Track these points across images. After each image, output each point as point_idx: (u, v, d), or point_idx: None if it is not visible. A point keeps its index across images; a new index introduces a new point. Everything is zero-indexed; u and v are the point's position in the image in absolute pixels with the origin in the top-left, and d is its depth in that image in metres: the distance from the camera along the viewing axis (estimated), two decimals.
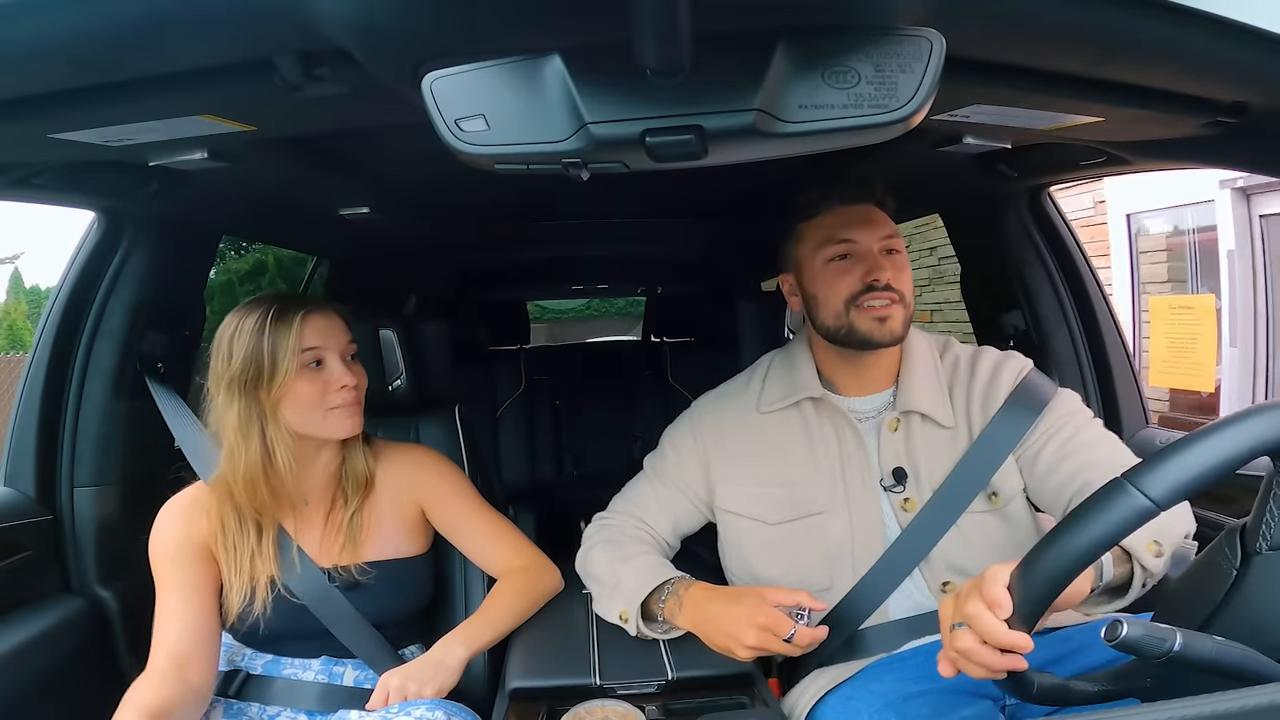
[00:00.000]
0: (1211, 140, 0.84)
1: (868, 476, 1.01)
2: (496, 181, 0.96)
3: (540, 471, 2.56)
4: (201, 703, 0.98)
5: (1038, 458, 0.98)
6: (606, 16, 0.48)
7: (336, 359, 1.02)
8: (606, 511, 1.16)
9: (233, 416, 0.99)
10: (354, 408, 1.03)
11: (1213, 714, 0.46)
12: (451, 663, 0.99)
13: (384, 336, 1.26)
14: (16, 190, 0.96)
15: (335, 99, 0.67)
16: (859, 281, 0.99)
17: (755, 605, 0.92)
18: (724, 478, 1.08)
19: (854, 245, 1.01)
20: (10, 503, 1.18)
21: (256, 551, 1.02)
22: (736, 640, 0.92)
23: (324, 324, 1.02)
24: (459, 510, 1.14)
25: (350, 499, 1.07)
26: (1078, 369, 1.45)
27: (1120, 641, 0.57)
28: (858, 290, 0.99)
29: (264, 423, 0.99)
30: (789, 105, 0.51)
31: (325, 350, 1.01)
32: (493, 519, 1.17)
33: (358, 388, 1.03)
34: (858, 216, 1.02)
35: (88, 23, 0.54)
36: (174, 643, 0.98)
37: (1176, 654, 0.57)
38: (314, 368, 1.00)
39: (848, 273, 1.00)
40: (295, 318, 0.99)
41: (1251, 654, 0.58)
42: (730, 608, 0.94)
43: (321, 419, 1.01)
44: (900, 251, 1.02)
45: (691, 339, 2.94)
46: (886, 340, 0.99)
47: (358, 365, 1.06)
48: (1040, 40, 0.63)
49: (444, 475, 1.15)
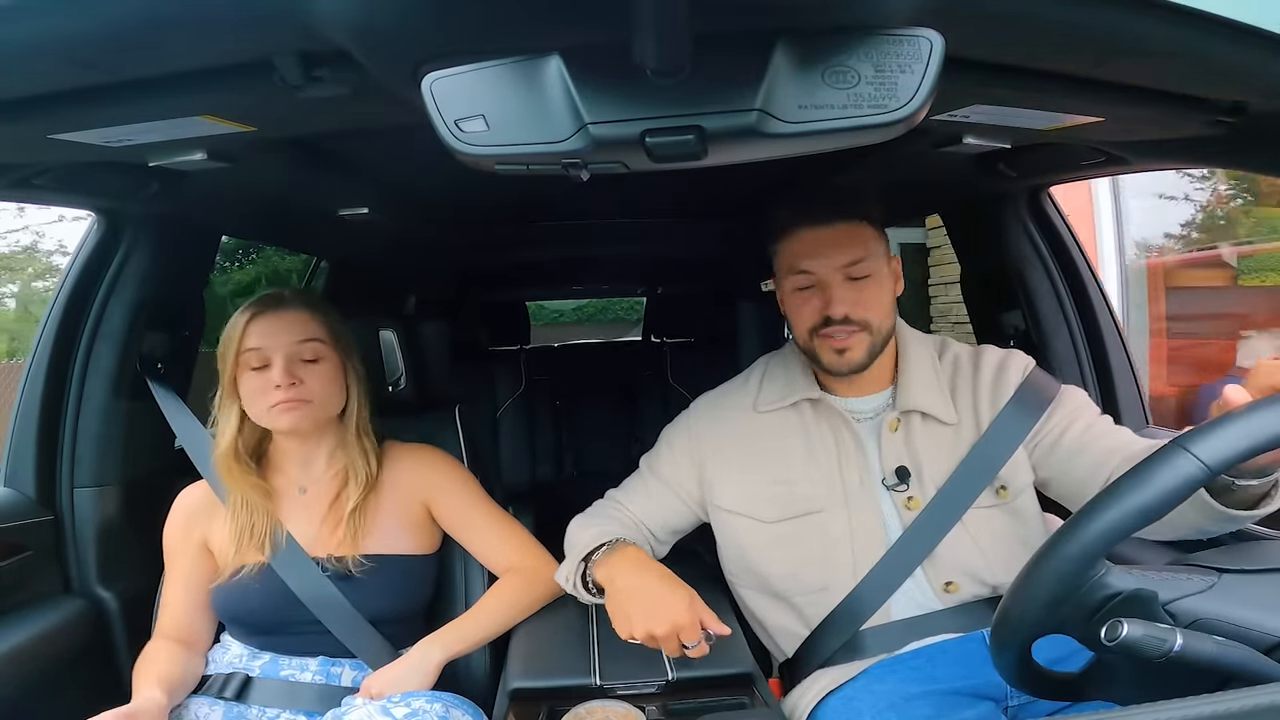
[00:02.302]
0: (1211, 140, 0.84)
1: (867, 476, 1.01)
2: (496, 182, 0.96)
3: (540, 471, 2.56)
4: (194, 682, 1.06)
5: (1056, 445, 0.98)
6: (606, 16, 0.48)
7: (280, 359, 1.04)
8: (601, 499, 1.16)
9: (221, 404, 1.08)
10: (289, 404, 1.04)
11: (1213, 714, 0.46)
12: (428, 666, 1.00)
13: (384, 336, 1.26)
14: (16, 190, 0.96)
15: (335, 99, 0.67)
16: (817, 314, 0.99)
17: (686, 604, 0.89)
18: (720, 477, 1.07)
19: (813, 276, 0.99)
20: (10, 503, 1.18)
21: (257, 530, 1.07)
22: (646, 617, 0.88)
23: (271, 325, 1.05)
24: (464, 506, 1.15)
25: (354, 492, 1.09)
26: (1078, 369, 1.45)
27: (1120, 641, 0.57)
28: (817, 322, 0.99)
29: (232, 414, 1.07)
30: (789, 105, 0.51)
31: (268, 351, 1.04)
32: (499, 517, 1.17)
33: (296, 387, 1.04)
34: (822, 241, 0.98)
35: (88, 23, 0.54)
36: (171, 625, 1.09)
37: (1176, 654, 0.57)
38: (256, 368, 1.04)
39: (808, 302, 1.00)
40: (245, 317, 1.05)
41: (1251, 654, 0.58)
42: (662, 588, 0.91)
43: (265, 413, 1.05)
44: (869, 275, 0.98)
45: (692, 339, 2.94)
46: (845, 371, 1.00)
47: (318, 367, 1.07)
48: (1040, 40, 0.63)
49: (450, 473, 1.17)
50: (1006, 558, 0.97)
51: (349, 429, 1.11)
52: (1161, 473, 0.58)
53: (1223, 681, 0.58)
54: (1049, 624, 0.63)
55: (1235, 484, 0.76)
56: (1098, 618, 0.62)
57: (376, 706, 0.91)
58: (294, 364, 1.05)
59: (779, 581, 1.03)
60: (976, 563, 0.97)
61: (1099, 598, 0.62)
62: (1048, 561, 0.61)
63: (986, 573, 0.97)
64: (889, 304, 1.01)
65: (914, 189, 1.46)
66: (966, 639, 0.95)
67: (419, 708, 0.91)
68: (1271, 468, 0.73)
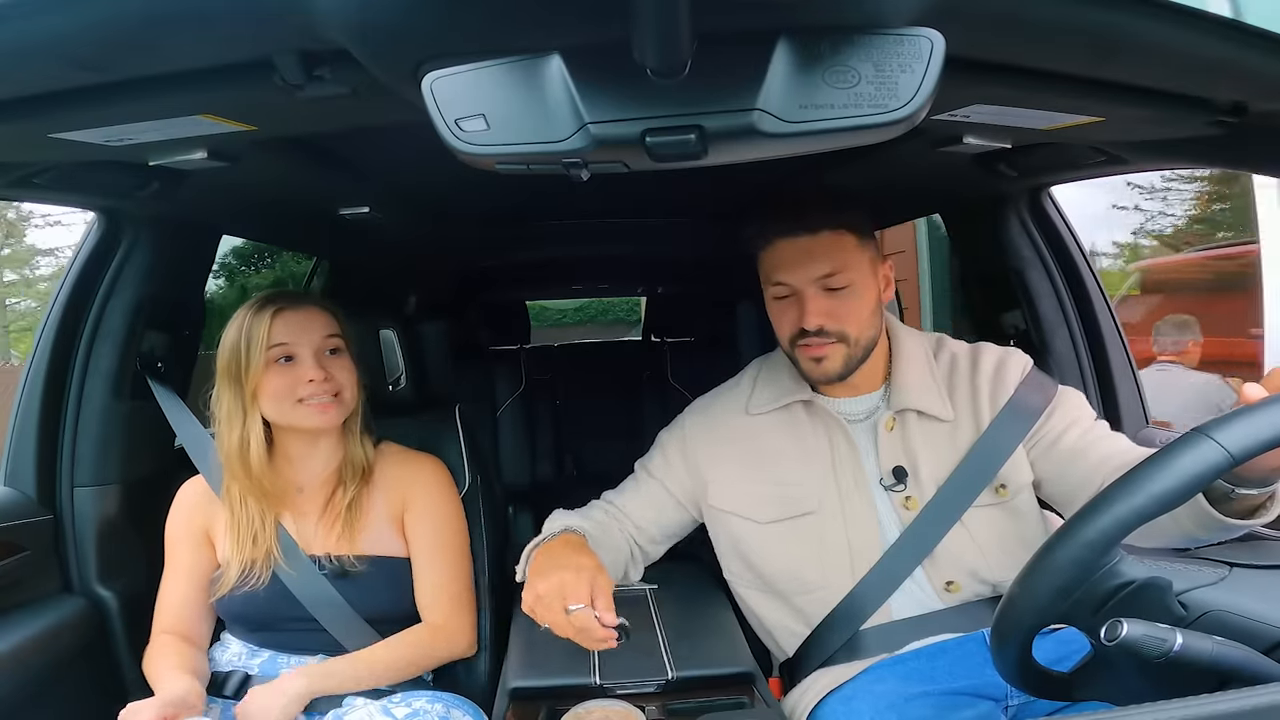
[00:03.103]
0: (1211, 140, 0.84)
1: (861, 477, 1.01)
2: (497, 181, 0.96)
3: (540, 471, 2.56)
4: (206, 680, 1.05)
5: (1053, 448, 0.98)
6: (606, 16, 0.48)
7: (308, 354, 1.05)
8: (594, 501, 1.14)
9: (224, 404, 1.06)
10: (323, 400, 1.04)
11: (1213, 714, 0.46)
12: (289, 691, 0.96)
13: (384, 336, 1.26)
14: (16, 190, 0.96)
15: (335, 99, 0.67)
16: (794, 325, 0.99)
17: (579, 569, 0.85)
18: (714, 477, 1.07)
19: (789, 287, 0.99)
20: (10, 503, 1.18)
21: (260, 532, 1.06)
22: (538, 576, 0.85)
23: (296, 320, 1.05)
24: (426, 532, 1.12)
25: (349, 487, 1.09)
26: (1078, 369, 1.45)
27: (1120, 641, 0.57)
28: (794, 333, 0.99)
29: (245, 414, 1.04)
30: (789, 105, 0.51)
31: (295, 346, 1.05)
32: (448, 563, 1.12)
33: (328, 381, 1.05)
34: (796, 253, 0.97)
35: (88, 23, 0.54)
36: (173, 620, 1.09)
37: (1176, 654, 0.57)
38: (283, 363, 1.04)
39: (785, 313, 1.00)
40: (268, 313, 1.04)
41: (1251, 654, 0.58)
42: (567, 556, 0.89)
43: (291, 410, 1.04)
44: (847, 286, 0.97)
45: (691, 339, 2.94)
46: (823, 379, 1.01)
47: (341, 360, 1.08)
48: (1040, 40, 0.63)
49: (434, 493, 1.14)
50: (1006, 557, 0.97)
51: (350, 427, 1.12)
52: (1184, 459, 0.57)
53: (1222, 681, 0.59)
54: (1057, 612, 0.62)
55: (1234, 492, 0.76)
56: (1107, 608, 0.61)
57: (377, 706, 0.91)
58: (322, 358, 1.06)
59: (778, 579, 1.03)
60: (977, 562, 0.97)
61: (1111, 586, 0.61)
62: (1064, 545, 0.60)
63: (986, 572, 0.97)
64: (868, 314, 0.99)
65: (914, 189, 1.46)
66: (967, 639, 0.95)
67: (420, 708, 0.91)
68: (1272, 477, 0.74)
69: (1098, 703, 0.69)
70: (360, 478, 1.10)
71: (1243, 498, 0.76)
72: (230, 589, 1.04)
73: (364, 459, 1.11)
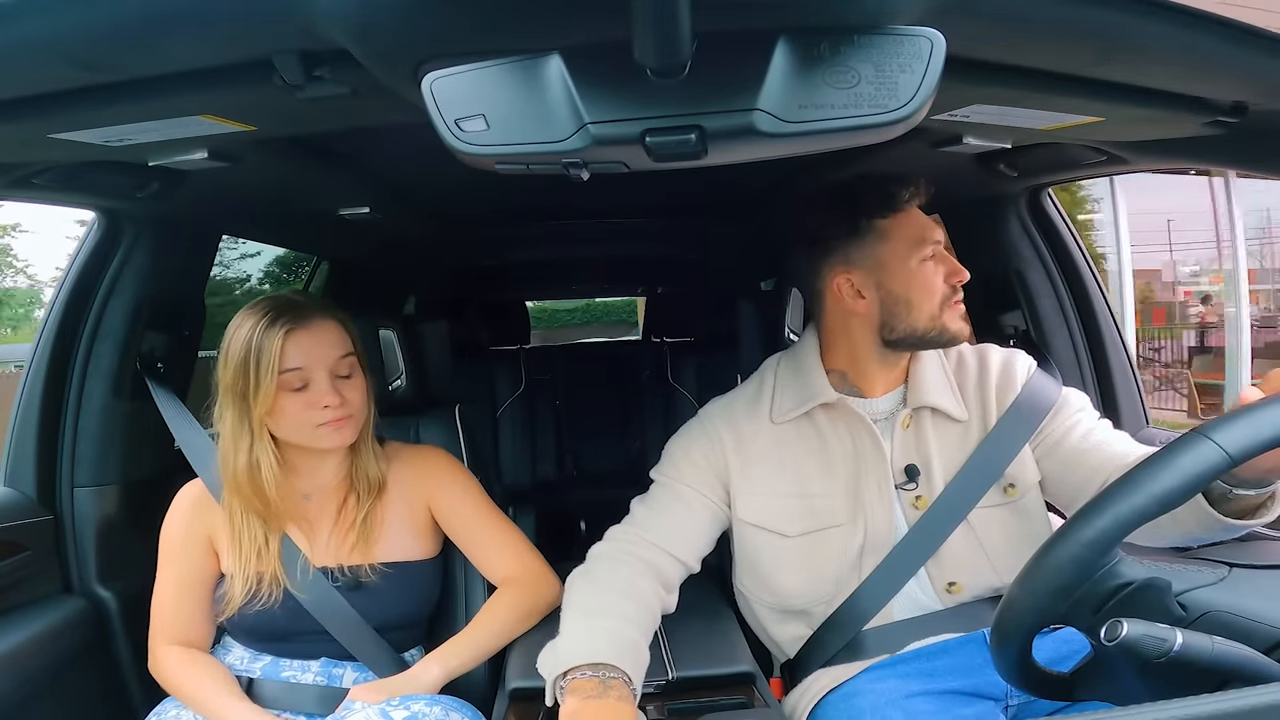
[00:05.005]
0: (1211, 140, 0.85)
1: (884, 482, 0.99)
2: (497, 181, 0.96)
3: (540, 471, 2.56)
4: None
5: (1058, 447, 0.98)
6: (606, 16, 0.48)
7: (323, 376, 1.00)
8: (618, 528, 1.04)
9: (228, 422, 1.01)
10: (341, 422, 1.01)
11: (1213, 714, 0.46)
12: (426, 681, 0.98)
13: (384, 336, 1.26)
14: (16, 190, 0.96)
15: (335, 99, 0.67)
16: (946, 283, 0.98)
17: None
18: (743, 488, 1.03)
19: (939, 246, 0.99)
20: (10, 503, 1.18)
21: (264, 548, 1.03)
22: None
23: (310, 340, 1.00)
24: (468, 514, 1.13)
25: (363, 499, 1.07)
26: (1078, 369, 1.45)
27: (1120, 642, 0.57)
28: (948, 292, 0.98)
29: (252, 436, 1.00)
30: (789, 105, 0.51)
31: (310, 370, 0.99)
32: (499, 525, 1.14)
33: (344, 404, 1.01)
34: (926, 217, 0.99)
35: (87, 23, 0.54)
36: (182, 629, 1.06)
37: (1176, 654, 0.57)
38: (298, 389, 0.99)
39: (936, 274, 0.98)
40: (278, 334, 0.97)
41: (1251, 654, 0.58)
42: None
43: (310, 433, 1.01)
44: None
45: (691, 339, 2.94)
46: (967, 338, 1.01)
47: (356, 378, 1.04)
48: (1040, 40, 0.63)
49: (455, 478, 1.15)
50: (1012, 557, 0.97)
51: (361, 436, 1.08)
52: (1183, 459, 0.58)
53: (1222, 681, 0.59)
54: (1057, 612, 0.62)
55: (1233, 492, 0.76)
56: (1107, 608, 0.61)
57: (376, 709, 0.90)
58: (336, 380, 1.02)
59: (792, 598, 1.01)
60: (981, 563, 0.97)
61: (1111, 586, 0.61)
62: (1063, 545, 0.61)
63: (990, 573, 0.97)
64: None
65: None
66: (967, 639, 0.95)
67: (418, 711, 0.91)
68: (1270, 477, 0.74)
69: (1098, 703, 0.69)
70: (375, 489, 1.08)
71: (1240, 498, 0.76)
72: (239, 607, 1.02)
73: (378, 473, 1.08)
